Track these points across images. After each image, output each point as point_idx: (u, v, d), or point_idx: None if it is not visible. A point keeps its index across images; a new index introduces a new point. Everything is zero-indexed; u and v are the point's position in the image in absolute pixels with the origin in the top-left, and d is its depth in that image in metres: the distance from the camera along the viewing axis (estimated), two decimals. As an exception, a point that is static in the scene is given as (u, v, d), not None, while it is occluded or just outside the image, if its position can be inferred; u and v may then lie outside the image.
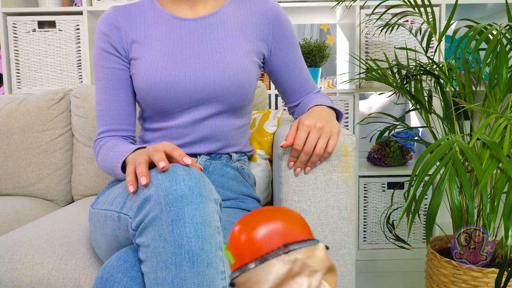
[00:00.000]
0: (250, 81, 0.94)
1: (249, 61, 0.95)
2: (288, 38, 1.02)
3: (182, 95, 0.91)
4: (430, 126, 1.38)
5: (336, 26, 2.23)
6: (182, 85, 0.90)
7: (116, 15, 0.95)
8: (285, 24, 1.01)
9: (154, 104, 0.92)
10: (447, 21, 1.23)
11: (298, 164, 0.85)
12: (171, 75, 0.90)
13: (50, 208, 1.42)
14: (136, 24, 0.95)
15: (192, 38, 0.94)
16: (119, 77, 0.96)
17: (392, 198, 1.47)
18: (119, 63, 0.95)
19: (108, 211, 0.78)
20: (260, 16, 0.98)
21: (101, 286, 0.68)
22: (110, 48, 0.95)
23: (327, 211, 0.84)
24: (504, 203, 0.96)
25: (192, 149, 0.96)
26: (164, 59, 0.92)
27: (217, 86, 0.91)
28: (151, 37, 0.94)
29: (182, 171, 0.68)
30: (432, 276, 1.22)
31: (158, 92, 0.90)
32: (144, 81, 0.91)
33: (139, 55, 0.93)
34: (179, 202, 0.65)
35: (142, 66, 0.92)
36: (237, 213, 0.92)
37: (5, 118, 1.47)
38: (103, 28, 0.95)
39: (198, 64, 0.92)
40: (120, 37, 0.94)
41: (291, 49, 1.03)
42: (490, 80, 1.16)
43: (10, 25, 1.74)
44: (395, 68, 1.49)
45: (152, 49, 0.93)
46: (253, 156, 1.16)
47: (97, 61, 0.96)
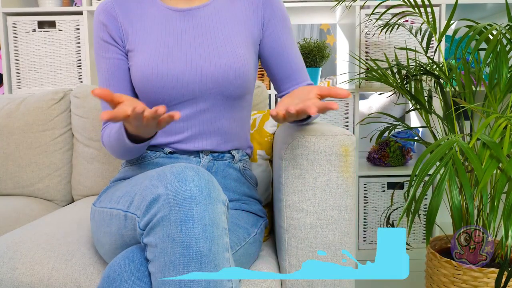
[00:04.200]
0: (248, 70, 0.93)
1: (246, 50, 0.95)
2: (280, 18, 1.00)
3: (179, 87, 0.91)
4: (430, 126, 1.38)
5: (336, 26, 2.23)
6: (178, 77, 0.90)
7: (113, 4, 0.95)
8: (276, 5, 0.99)
9: (151, 97, 0.92)
10: (447, 21, 1.23)
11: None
12: (167, 67, 0.90)
13: (50, 208, 1.42)
14: (132, 15, 0.95)
15: (187, 29, 0.94)
16: (118, 67, 0.96)
17: (392, 198, 1.47)
18: (118, 53, 0.96)
19: (114, 209, 0.78)
20: (252, 0, 0.98)
21: (107, 285, 0.68)
22: (109, 38, 0.95)
23: (327, 211, 0.84)
24: (504, 203, 0.96)
25: (193, 145, 0.96)
26: (160, 51, 0.91)
27: (214, 77, 0.91)
28: (147, 28, 0.94)
29: (191, 172, 0.68)
30: (432, 276, 1.22)
31: (154, 84, 0.90)
32: (140, 73, 0.91)
33: (135, 47, 0.93)
34: (188, 203, 0.65)
35: (138, 58, 0.92)
36: (240, 215, 0.92)
37: (5, 118, 1.47)
38: (101, 17, 0.95)
39: (194, 55, 0.92)
40: (117, 26, 0.95)
41: (283, 31, 1.00)
42: (490, 80, 1.15)
43: (10, 25, 1.74)
44: (395, 68, 1.49)
45: (147, 40, 0.93)
46: (254, 156, 1.16)
47: (97, 51, 0.97)
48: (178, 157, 0.96)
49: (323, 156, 0.84)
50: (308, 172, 0.84)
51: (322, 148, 0.84)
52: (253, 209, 0.98)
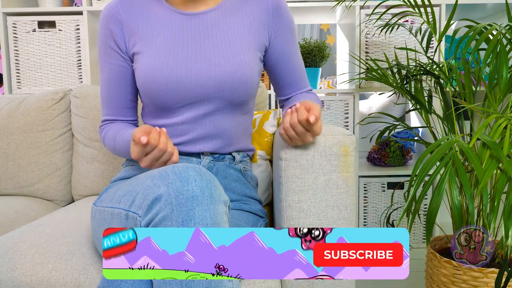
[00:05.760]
0: (252, 76, 0.94)
1: (251, 56, 0.95)
2: (288, 29, 1.01)
3: (183, 91, 0.91)
4: (430, 126, 1.38)
5: (336, 26, 2.23)
6: (183, 81, 0.90)
7: (118, 7, 0.95)
8: (285, 15, 1.00)
9: (155, 100, 0.93)
10: (447, 21, 1.23)
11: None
12: (172, 71, 0.90)
13: (50, 208, 1.42)
14: (138, 18, 0.95)
15: (193, 33, 0.94)
16: (120, 73, 0.97)
17: (392, 198, 1.48)
18: (120, 60, 0.96)
19: (115, 208, 0.78)
20: (261, 7, 0.98)
21: (107, 285, 0.69)
22: (113, 44, 0.95)
23: (327, 211, 0.84)
24: (504, 203, 0.96)
25: (195, 147, 0.96)
26: (166, 54, 0.91)
27: (219, 82, 0.91)
28: (153, 32, 0.94)
29: (193, 172, 0.69)
30: (432, 276, 1.22)
31: (159, 87, 0.90)
32: (144, 77, 0.91)
33: (141, 50, 0.93)
34: (190, 203, 0.65)
35: (144, 61, 0.92)
36: (240, 215, 0.92)
37: (5, 118, 1.47)
38: (106, 23, 0.95)
39: (200, 59, 0.92)
40: (122, 31, 0.95)
41: (290, 41, 1.02)
42: (490, 80, 1.15)
43: (10, 25, 1.74)
44: (395, 68, 1.49)
45: (153, 44, 0.93)
46: (254, 157, 1.16)
47: (101, 53, 0.98)
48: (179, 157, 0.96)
49: (323, 156, 0.84)
50: (308, 172, 0.84)
51: (322, 148, 0.84)
52: (253, 209, 0.98)
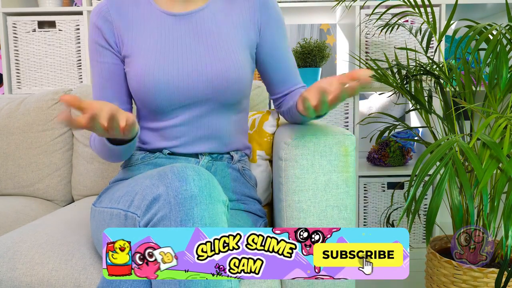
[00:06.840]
0: (244, 75, 0.93)
1: (242, 54, 0.94)
2: (277, 22, 1.00)
3: (175, 93, 0.90)
4: (430, 126, 1.38)
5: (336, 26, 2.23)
6: (174, 83, 0.90)
7: (108, 8, 0.94)
8: (272, 9, 0.99)
9: (148, 103, 0.92)
10: (447, 21, 1.23)
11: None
12: (163, 74, 0.90)
13: (50, 208, 1.42)
14: (128, 19, 0.94)
15: (183, 34, 0.93)
16: (113, 72, 0.95)
17: (392, 198, 1.48)
18: (113, 57, 0.95)
19: (114, 209, 0.78)
20: (248, 3, 0.98)
21: (107, 285, 0.69)
22: (104, 42, 0.94)
23: (327, 211, 0.84)
24: (504, 203, 0.96)
25: (193, 149, 0.96)
26: (157, 56, 0.91)
27: (210, 82, 0.91)
28: (142, 34, 0.93)
29: (192, 172, 0.69)
30: (432, 276, 1.22)
31: (151, 91, 0.90)
32: (136, 80, 0.91)
33: (131, 53, 0.92)
34: (189, 202, 0.65)
35: (134, 65, 0.91)
36: (239, 215, 0.92)
37: (5, 118, 1.47)
38: (96, 21, 0.94)
39: (190, 60, 0.91)
40: (112, 31, 0.94)
41: (279, 35, 1.00)
42: (490, 80, 1.15)
43: (10, 25, 1.74)
44: (395, 68, 1.49)
45: (143, 46, 0.92)
46: (253, 157, 1.16)
47: (92, 55, 0.96)
48: (177, 157, 0.96)
49: (323, 156, 0.84)
50: (308, 172, 0.84)
51: (322, 148, 0.84)
52: (253, 209, 0.98)
